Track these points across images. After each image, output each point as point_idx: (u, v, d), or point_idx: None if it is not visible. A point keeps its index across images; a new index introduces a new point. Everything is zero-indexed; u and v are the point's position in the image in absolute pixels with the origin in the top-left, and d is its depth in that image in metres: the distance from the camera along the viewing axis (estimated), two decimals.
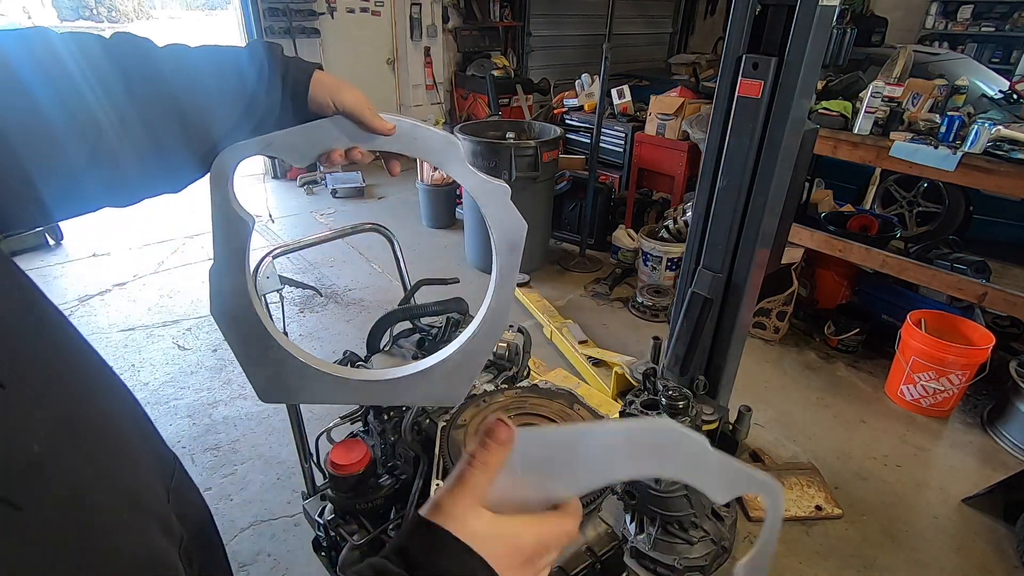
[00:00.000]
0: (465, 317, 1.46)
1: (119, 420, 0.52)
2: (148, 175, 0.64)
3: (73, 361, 0.50)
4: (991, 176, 2.54)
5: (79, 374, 0.49)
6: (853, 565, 2.03)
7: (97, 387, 0.52)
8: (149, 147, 0.61)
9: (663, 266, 3.70)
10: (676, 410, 1.76)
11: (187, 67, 0.63)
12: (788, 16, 1.73)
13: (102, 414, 0.49)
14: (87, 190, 0.58)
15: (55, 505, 0.38)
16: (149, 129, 0.60)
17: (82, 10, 19.71)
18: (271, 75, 0.68)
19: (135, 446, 0.52)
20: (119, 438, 0.50)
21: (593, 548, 1.07)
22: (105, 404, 0.51)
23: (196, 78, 0.64)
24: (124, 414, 0.55)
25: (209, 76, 0.65)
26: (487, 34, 6.96)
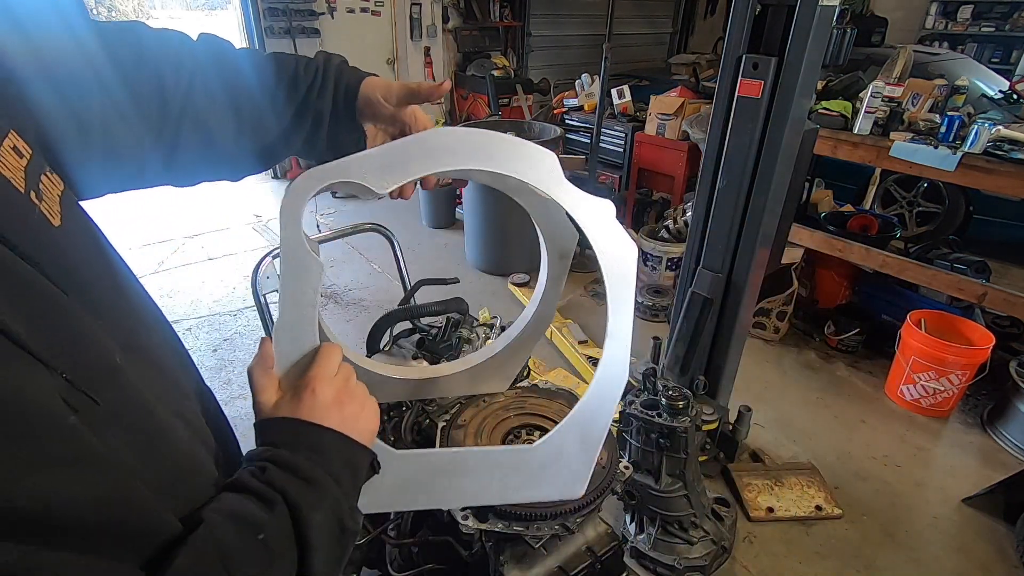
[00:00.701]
0: (465, 317, 1.45)
1: (165, 349, 0.59)
2: (200, 161, 0.69)
3: (131, 298, 0.56)
4: (991, 176, 2.54)
5: (133, 303, 0.56)
6: (853, 565, 2.03)
7: (148, 317, 0.59)
8: (202, 136, 0.66)
9: (663, 266, 3.70)
10: (676, 410, 1.76)
11: (255, 67, 0.70)
12: (788, 16, 1.73)
13: (153, 341, 0.56)
14: (148, 167, 0.65)
15: (127, 407, 0.44)
16: (201, 120, 0.66)
17: None
18: (324, 77, 0.72)
19: (180, 376, 0.59)
20: (167, 367, 0.56)
21: (593, 548, 1.07)
22: (156, 338, 0.57)
23: (261, 75, 0.70)
24: (170, 349, 0.61)
25: (269, 75, 0.71)
26: (487, 34, 6.96)
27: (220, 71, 0.67)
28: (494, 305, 3.65)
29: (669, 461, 1.81)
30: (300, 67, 0.72)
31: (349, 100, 0.73)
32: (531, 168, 0.66)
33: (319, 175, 0.61)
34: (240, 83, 0.69)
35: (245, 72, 0.69)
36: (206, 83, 0.66)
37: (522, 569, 1.01)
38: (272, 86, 0.70)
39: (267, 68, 0.71)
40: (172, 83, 0.63)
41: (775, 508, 2.19)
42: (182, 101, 0.64)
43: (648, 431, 1.80)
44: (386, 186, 0.63)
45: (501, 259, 4.04)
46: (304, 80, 0.71)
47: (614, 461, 1.07)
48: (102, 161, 0.59)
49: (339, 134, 0.74)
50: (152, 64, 0.62)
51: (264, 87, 0.70)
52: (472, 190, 3.93)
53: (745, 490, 2.25)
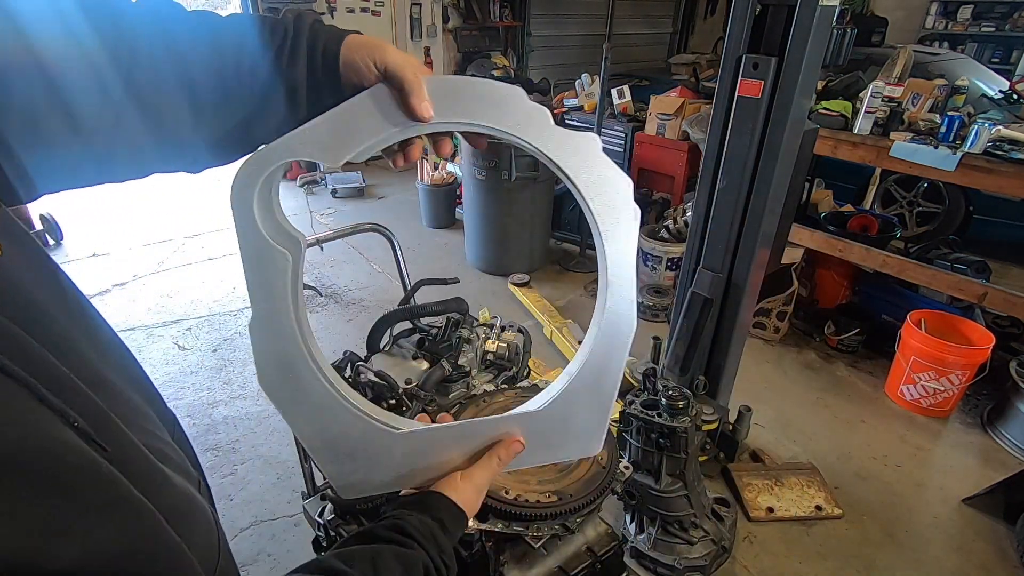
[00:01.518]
0: (465, 317, 1.45)
1: (127, 382, 0.54)
2: (147, 150, 0.57)
3: (85, 325, 0.52)
4: (991, 176, 2.54)
5: (90, 333, 0.52)
6: (853, 565, 2.03)
7: (106, 345, 0.54)
8: (148, 122, 0.54)
9: (663, 266, 3.70)
10: (676, 410, 1.76)
11: (204, 37, 0.57)
12: (788, 16, 1.73)
13: (115, 372, 0.51)
14: (72, 161, 0.53)
15: (126, 450, 0.42)
16: (147, 102, 0.53)
17: None
18: (295, 39, 0.59)
19: (143, 405, 0.55)
20: (133, 399, 0.52)
21: (593, 548, 1.07)
22: (114, 363, 0.53)
23: (214, 48, 0.56)
24: (132, 376, 0.57)
25: (229, 46, 0.57)
26: (487, 34, 6.96)
27: (166, 38, 0.54)
28: (494, 305, 3.64)
29: (669, 461, 1.81)
30: (265, 29, 0.59)
31: (329, 67, 0.59)
32: (505, 115, 0.58)
33: (261, 159, 0.55)
34: (193, 52, 0.55)
35: (199, 38, 0.56)
36: (151, 53, 0.53)
37: (522, 569, 1.01)
38: (233, 54, 0.57)
39: (224, 32, 0.58)
40: (109, 54, 0.51)
41: (775, 508, 2.19)
42: (124, 76, 0.52)
43: (648, 431, 1.80)
44: (338, 158, 0.56)
45: (501, 259, 4.04)
46: (270, 45, 0.58)
47: (614, 461, 1.07)
48: (28, 156, 0.49)
49: (321, 108, 0.58)
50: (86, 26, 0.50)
51: (223, 55, 0.57)
52: (472, 189, 3.93)
53: (745, 490, 2.25)
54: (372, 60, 0.58)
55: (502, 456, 0.68)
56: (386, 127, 0.57)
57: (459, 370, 1.33)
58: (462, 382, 1.34)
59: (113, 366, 0.52)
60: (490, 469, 0.68)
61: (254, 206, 0.56)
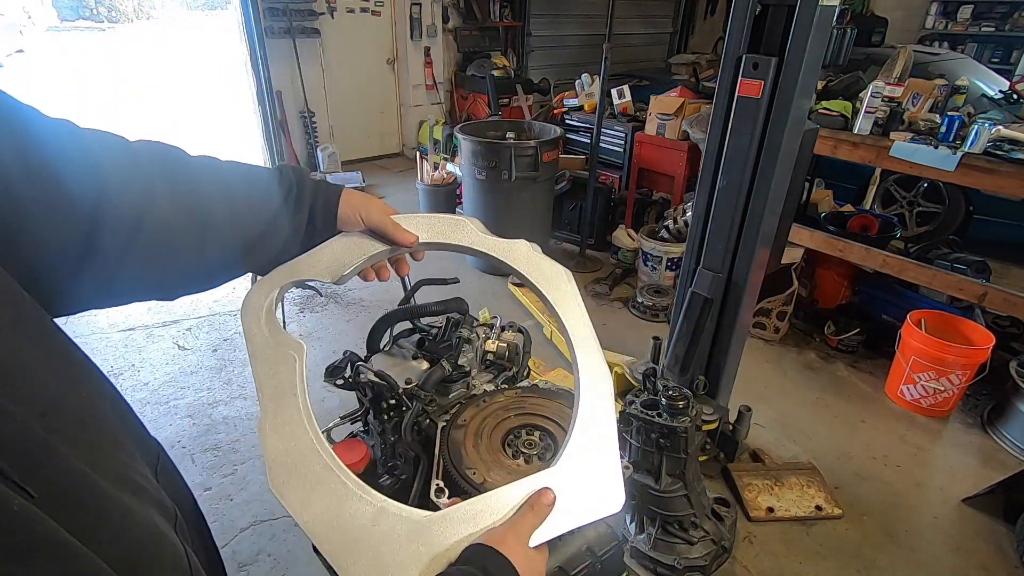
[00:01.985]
0: (465, 317, 1.45)
1: (100, 409, 0.52)
2: (146, 278, 0.61)
3: (47, 351, 0.49)
4: (991, 176, 2.54)
5: (54, 357, 0.49)
6: (853, 565, 2.03)
7: (72, 376, 0.51)
8: (159, 252, 0.60)
9: (663, 266, 3.70)
10: (676, 410, 1.76)
11: (219, 180, 0.66)
12: (788, 16, 1.73)
13: (80, 402, 0.49)
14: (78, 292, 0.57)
15: (65, 488, 0.38)
16: (168, 235, 0.60)
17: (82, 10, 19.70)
18: (299, 193, 0.72)
19: (119, 433, 0.52)
20: (103, 426, 0.50)
21: (593, 548, 1.07)
22: (83, 393, 0.50)
23: (227, 191, 0.66)
24: (104, 402, 0.55)
25: (239, 191, 0.67)
26: (487, 34, 6.96)
27: (174, 185, 0.61)
28: (494, 305, 3.64)
29: (669, 461, 1.81)
30: (274, 179, 0.72)
31: (329, 217, 0.76)
32: (459, 235, 0.79)
33: (268, 284, 0.66)
34: (200, 204, 0.63)
35: (206, 189, 0.64)
36: (158, 203, 0.59)
37: None
38: (245, 197, 0.68)
39: (243, 179, 0.69)
40: (117, 199, 0.55)
41: (775, 508, 2.19)
42: (133, 223, 0.56)
43: (648, 431, 1.80)
44: (335, 276, 0.72)
45: None
46: (279, 193, 0.71)
47: None
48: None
49: (310, 246, 0.77)
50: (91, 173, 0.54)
51: (235, 197, 0.67)
52: (472, 189, 3.93)
53: (745, 490, 2.25)
54: (360, 214, 0.77)
55: (535, 504, 0.63)
56: (371, 250, 0.76)
57: (459, 370, 1.33)
58: (462, 382, 1.34)
59: (82, 393, 0.50)
60: (527, 519, 0.62)
61: (262, 317, 0.65)
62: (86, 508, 0.39)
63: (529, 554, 0.61)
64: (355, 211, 0.76)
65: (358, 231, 0.78)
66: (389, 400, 1.23)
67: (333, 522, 0.60)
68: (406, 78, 6.52)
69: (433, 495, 0.98)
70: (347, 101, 6.23)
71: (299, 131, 5.98)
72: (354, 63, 6.14)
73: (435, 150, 5.94)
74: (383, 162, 6.73)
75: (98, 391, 0.55)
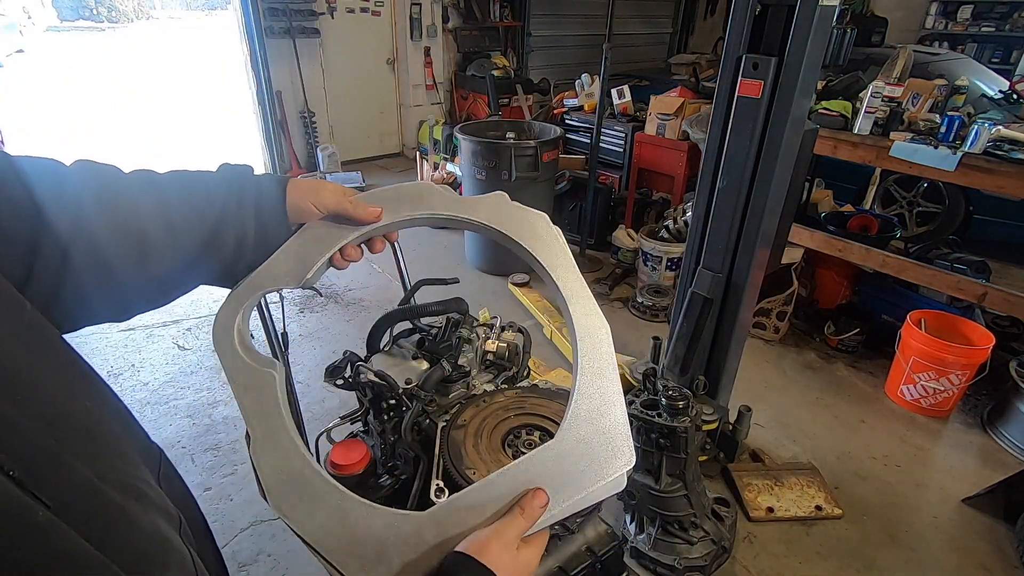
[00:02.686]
0: (465, 317, 1.45)
1: (103, 418, 0.52)
2: (89, 301, 0.59)
3: (48, 360, 0.49)
4: (991, 176, 2.54)
5: (54, 364, 0.49)
6: (853, 565, 2.03)
7: (74, 385, 0.51)
8: (97, 273, 0.58)
9: (663, 266, 3.70)
10: (676, 410, 1.76)
11: (154, 193, 0.62)
12: (788, 16, 1.73)
13: (83, 412, 0.49)
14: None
15: (73, 497, 0.39)
16: (103, 255, 0.57)
17: (82, 10, 19.70)
18: (240, 192, 0.66)
19: (122, 442, 0.53)
20: (106, 436, 0.50)
21: (593, 548, 1.07)
22: (86, 402, 0.50)
23: (163, 203, 0.62)
24: (107, 411, 0.55)
25: (175, 202, 0.63)
26: (487, 34, 6.96)
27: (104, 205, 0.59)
28: (494, 305, 3.64)
29: (669, 461, 1.81)
30: (211, 183, 0.66)
31: (275, 208, 0.69)
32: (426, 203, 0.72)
33: (233, 304, 0.64)
34: (135, 218, 0.60)
35: (141, 202, 0.61)
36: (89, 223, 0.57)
37: None
38: (180, 206, 0.63)
39: (173, 192, 0.64)
40: (51, 224, 0.54)
41: (775, 508, 2.19)
42: (64, 245, 0.54)
43: (648, 431, 1.80)
44: (301, 279, 0.68)
45: (501, 259, 4.04)
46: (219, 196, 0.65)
47: None
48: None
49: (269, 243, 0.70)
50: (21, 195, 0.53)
51: (168, 218, 0.62)
52: (471, 189, 3.93)
53: (745, 490, 2.25)
54: (312, 202, 0.70)
55: (525, 507, 0.61)
56: (336, 242, 0.70)
57: (459, 370, 1.33)
58: (462, 382, 1.34)
59: (85, 400, 0.50)
60: (514, 523, 0.60)
61: (235, 340, 0.63)
62: (95, 517, 0.40)
63: (517, 561, 0.60)
64: (305, 198, 0.70)
65: (316, 221, 0.71)
66: (389, 400, 1.24)
67: (339, 530, 0.60)
68: (406, 78, 6.52)
69: (433, 495, 0.98)
70: (347, 101, 6.23)
71: (299, 131, 5.98)
72: (354, 63, 6.14)
73: (435, 150, 5.94)
74: (383, 162, 6.73)
75: (101, 400, 0.55)
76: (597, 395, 0.67)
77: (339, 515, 0.60)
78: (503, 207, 0.74)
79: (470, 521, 0.62)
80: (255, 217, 0.68)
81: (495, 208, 0.74)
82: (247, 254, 0.69)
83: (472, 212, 0.74)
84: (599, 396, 0.67)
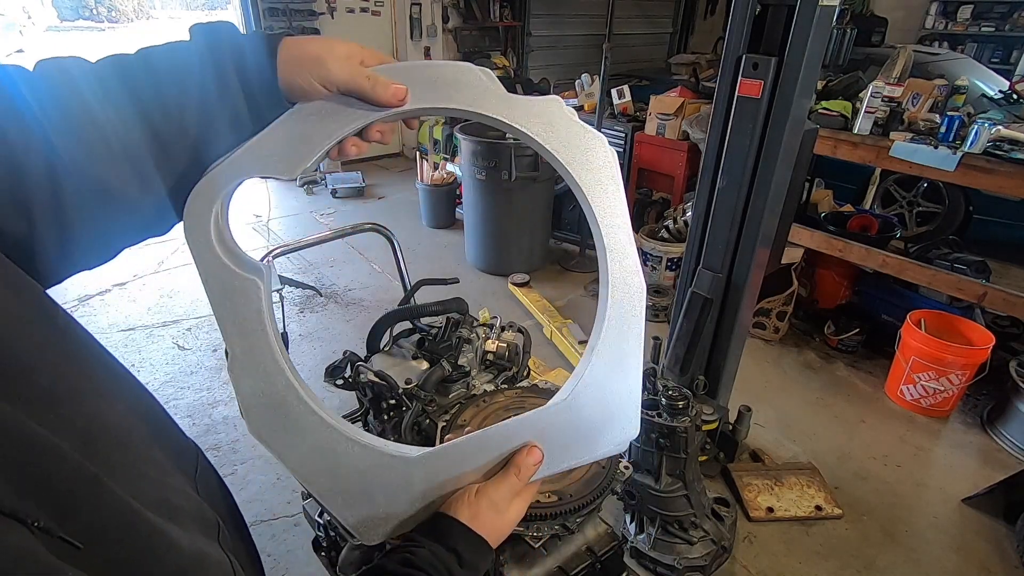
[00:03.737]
0: (465, 317, 1.45)
1: (135, 422, 0.50)
2: (107, 225, 0.53)
3: (83, 367, 0.47)
4: (991, 176, 2.54)
5: (87, 372, 0.47)
6: (853, 565, 2.03)
7: (109, 391, 0.49)
8: (98, 197, 0.50)
9: (663, 266, 3.70)
10: (676, 410, 1.76)
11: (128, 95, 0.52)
12: (788, 16, 1.73)
13: (118, 419, 0.47)
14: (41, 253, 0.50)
15: (110, 527, 0.38)
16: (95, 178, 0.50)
17: (82, 10, 19.70)
18: (218, 62, 0.53)
19: (155, 446, 0.51)
20: (139, 442, 0.48)
21: (593, 548, 1.07)
22: (120, 407, 0.49)
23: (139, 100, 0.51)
24: (139, 414, 0.53)
25: (150, 93, 0.52)
26: (487, 34, 6.96)
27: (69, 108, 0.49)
28: (494, 305, 3.64)
29: (669, 461, 1.81)
30: (184, 63, 0.53)
31: (267, 89, 0.55)
32: (462, 93, 0.57)
33: (210, 184, 0.52)
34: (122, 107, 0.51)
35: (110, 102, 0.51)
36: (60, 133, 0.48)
37: (522, 569, 1.01)
38: (157, 97, 0.52)
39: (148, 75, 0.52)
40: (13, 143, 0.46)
41: (775, 508, 2.19)
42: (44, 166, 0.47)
43: (648, 431, 1.80)
44: (294, 169, 0.54)
45: (501, 259, 4.04)
46: (196, 81, 0.53)
47: (614, 461, 1.07)
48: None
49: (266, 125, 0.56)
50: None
51: (147, 104, 0.52)
52: (471, 189, 3.93)
53: (745, 490, 2.25)
54: (316, 79, 0.54)
55: (521, 465, 0.59)
56: (343, 127, 0.55)
57: (459, 370, 1.33)
58: (462, 382, 1.34)
59: (119, 405, 0.48)
60: (507, 483, 0.59)
61: (212, 236, 0.52)
62: (131, 544, 0.39)
63: (505, 519, 0.59)
64: (305, 73, 0.54)
65: (318, 101, 0.55)
66: (389, 400, 1.24)
67: (321, 464, 0.57)
68: None
69: None
70: None
71: None
72: None
73: (435, 150, 5.94)
74: (383, 162, 6.73)
75: (134, 403, 0.52)
76: (617, 357, 0.62)
77: (324, 448, 0.56)
78: (558, 118, 0.60)
79: (461, 470, 0.60)
80: (243, 95, 0.54)
81: (547, 118, 0.60)
82: (248, 134, 0.56)
83: (519, 118, 0.59)
84: (618, 358, 0.62)
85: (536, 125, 0.59)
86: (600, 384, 0.62)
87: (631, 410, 0.64)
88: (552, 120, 0.60)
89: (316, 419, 0.56)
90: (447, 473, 0.60)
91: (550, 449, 0.62)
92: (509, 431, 0.61)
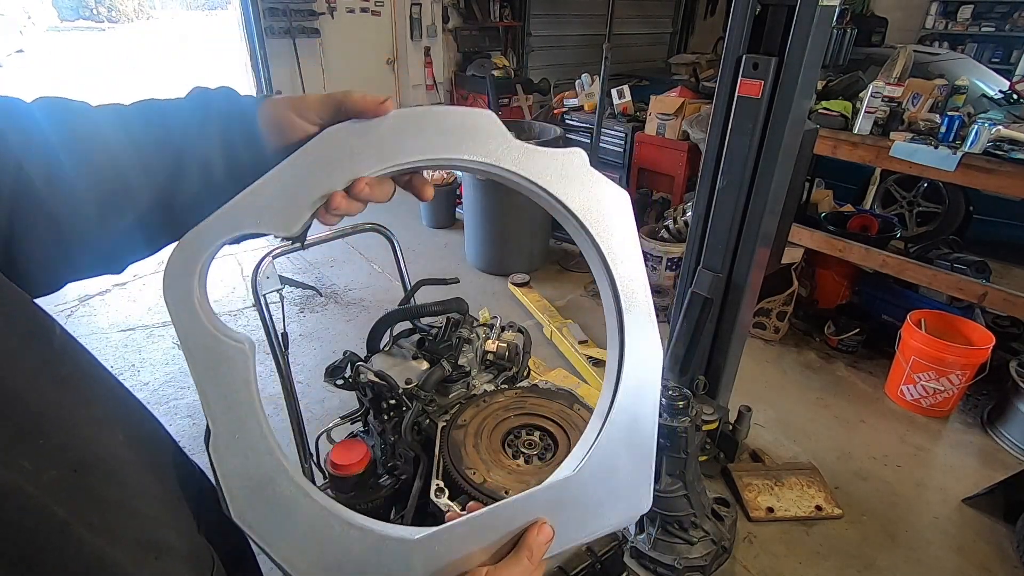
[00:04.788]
0: (465, 317, 1.45)
1: (136, 451, 0.48)
2: (52, 261, 0.51)
3: (81, 392, 0.46)
4: (991, 176, 2.54)
5: (84, 396, 0.46)
6: (853, 565, 2.03)
7: (109, 417, 0.47)
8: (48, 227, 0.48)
9: (663, 266, 3.70)
10: (676, 410, 1.76)
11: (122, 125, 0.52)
12: (788, 16, 1.73)
13: (116, 449, 0.45)
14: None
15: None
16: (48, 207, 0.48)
17: (82, 10, 19.70)
18: (206, 107, 0.52)
19: (155, 477, 0.49)
20: (135, 474, 0.46)
21: (593, 548, 1.07)
22: (120, 435, 0.47)
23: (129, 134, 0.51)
24: (141, 440, 0.50)
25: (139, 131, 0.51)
26: (487, 34, 6.96)
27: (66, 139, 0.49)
28: (494, 305, 3.64)
29: (669, 461, 1.82)
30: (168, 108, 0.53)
31: (247, 128, 0.52)
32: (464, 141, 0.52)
33: (194, 242, 0.47)
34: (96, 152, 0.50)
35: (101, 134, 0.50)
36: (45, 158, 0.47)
37: None
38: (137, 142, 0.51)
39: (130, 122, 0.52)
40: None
41: (775, 508, 2.19)
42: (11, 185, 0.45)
43: None
44: (292, 225, 0.49)
45: (501, 259, 4.04)
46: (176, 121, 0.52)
47: None
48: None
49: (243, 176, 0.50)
50: None
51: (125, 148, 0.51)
52: (472, 189, 3.93)
53: (745, 490, 2.25)
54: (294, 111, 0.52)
55: (532, 546, 0.55)
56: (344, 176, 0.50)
57: (459, 370, 1.33)
58: (462, 382, 1.34)
59: (114, 436, 0.46)
60: (520, 567, 0.55)
61: (195, 299, 0.48)
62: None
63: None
64: (287, 108, 0.51)
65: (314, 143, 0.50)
66: (389, 400, 1.24)
67: (315, 552, 0.52)
68: (406, 78, 6.52)
69: (433, 495, 0.99)
70: None
71: None
72: (354, 63, 6.14)
73: None
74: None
75: (136, 430, 0.50)
76: (633, 406, 0.58)
77: (315, 533, 0.52)
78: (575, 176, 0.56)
79: (467, 550, 0.56)
80: (220, 136, 0.52)
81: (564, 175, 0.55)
82: (216, 188, 0.52)
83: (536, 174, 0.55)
84: (635, 407, 0.59)
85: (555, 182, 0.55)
86: (612, 454, 0.59)
87: (644, 481, 0.61)
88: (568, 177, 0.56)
89: (308, 501, 0.52)
90: (452, 555, 0.56)
91: (559, 524, 0.58)
92: (517, 507, 0.57)
